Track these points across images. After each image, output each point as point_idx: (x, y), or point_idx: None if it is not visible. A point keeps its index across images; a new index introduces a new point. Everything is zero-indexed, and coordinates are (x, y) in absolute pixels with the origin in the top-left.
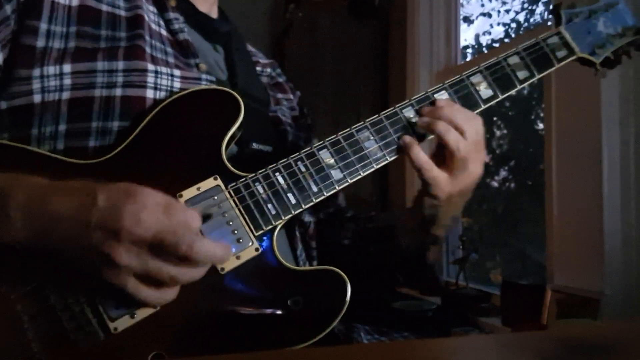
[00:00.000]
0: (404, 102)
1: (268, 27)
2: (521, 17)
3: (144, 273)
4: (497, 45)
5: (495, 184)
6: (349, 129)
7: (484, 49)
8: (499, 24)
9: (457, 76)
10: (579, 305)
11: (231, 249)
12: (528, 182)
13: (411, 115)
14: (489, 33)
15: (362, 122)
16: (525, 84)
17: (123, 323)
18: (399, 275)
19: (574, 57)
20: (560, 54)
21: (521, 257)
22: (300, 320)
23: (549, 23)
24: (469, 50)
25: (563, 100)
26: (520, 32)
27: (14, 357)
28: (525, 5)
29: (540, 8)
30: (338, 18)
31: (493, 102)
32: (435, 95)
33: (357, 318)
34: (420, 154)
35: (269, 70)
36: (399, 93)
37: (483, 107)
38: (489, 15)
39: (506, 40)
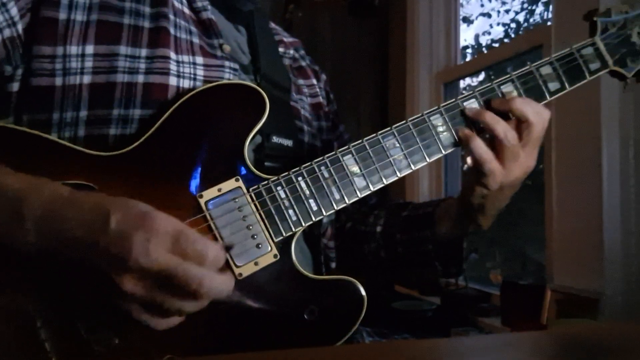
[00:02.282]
0: (433, 109)
1: None
2: (521, 17)
3: (150, 301)
4: (496, 45)
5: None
6: (375, 135)
7: (483, 49)
8: (498, 24)
9: (488, 84)
10: (579, 305)
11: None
12: (528, 182)
13: (439, 124)
14: (489, 33)
15: (388, 128)
16: (555, 97)
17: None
18: (437, 264)
19: (606, 70)
20: (593, 66)
21: (521, 257)
22: (315, 329)
23: (549, 23)
24: (469, 51)
25: (563, 100)
26: (520, 32)
27: (26, 357)
28: (525, 5)
29: (540, 8)
30: (338, 18)
31: None
32: (465, 104)
33: None
34: (482, 146)
35: (291, 51)
36: (398, 93)
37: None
38: (489, 16)
39: (506, 40)
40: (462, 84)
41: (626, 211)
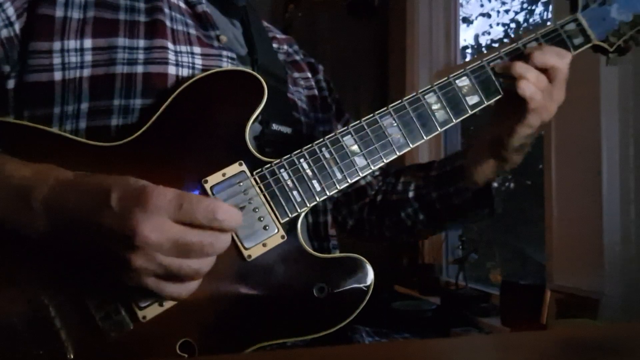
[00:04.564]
0: (426, 88)
1: None
2: (520, 17)
3: (165, 272)
4: (496, 45)
5: (494, 183)
6: (372, 115)
7: (483, 49)
8: (498, 24)
9: (478, 62)
10: (579, 305)
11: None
12: (527, 182)
13: (433, 101)
14: (489, 33)
15: (385, 108)
16: None
17: (152, 311)
18: (474, 209)
19: (589, 45)
20: (577, 41)
21: (521, 257)
22: (325, 307)
23: (548, 23)
24: (469, 51)
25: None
26: (520, 32)
27: (42, 346)
28: (525, 6)
29: (539, 8)
30: (338, 18)
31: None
32: (457, 81)
33: (357, 318)
34: (530, 85)
35: (285, 47)
36: (398, 93)
37: (502, 94)
38: (488, 16)
39: (505, 40)
40: None
41: (626, 211)
